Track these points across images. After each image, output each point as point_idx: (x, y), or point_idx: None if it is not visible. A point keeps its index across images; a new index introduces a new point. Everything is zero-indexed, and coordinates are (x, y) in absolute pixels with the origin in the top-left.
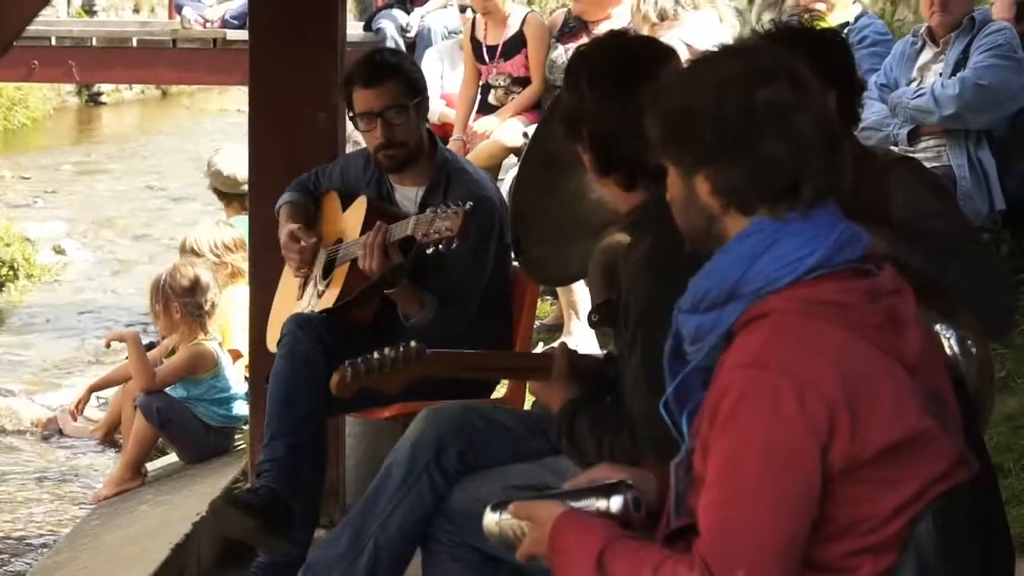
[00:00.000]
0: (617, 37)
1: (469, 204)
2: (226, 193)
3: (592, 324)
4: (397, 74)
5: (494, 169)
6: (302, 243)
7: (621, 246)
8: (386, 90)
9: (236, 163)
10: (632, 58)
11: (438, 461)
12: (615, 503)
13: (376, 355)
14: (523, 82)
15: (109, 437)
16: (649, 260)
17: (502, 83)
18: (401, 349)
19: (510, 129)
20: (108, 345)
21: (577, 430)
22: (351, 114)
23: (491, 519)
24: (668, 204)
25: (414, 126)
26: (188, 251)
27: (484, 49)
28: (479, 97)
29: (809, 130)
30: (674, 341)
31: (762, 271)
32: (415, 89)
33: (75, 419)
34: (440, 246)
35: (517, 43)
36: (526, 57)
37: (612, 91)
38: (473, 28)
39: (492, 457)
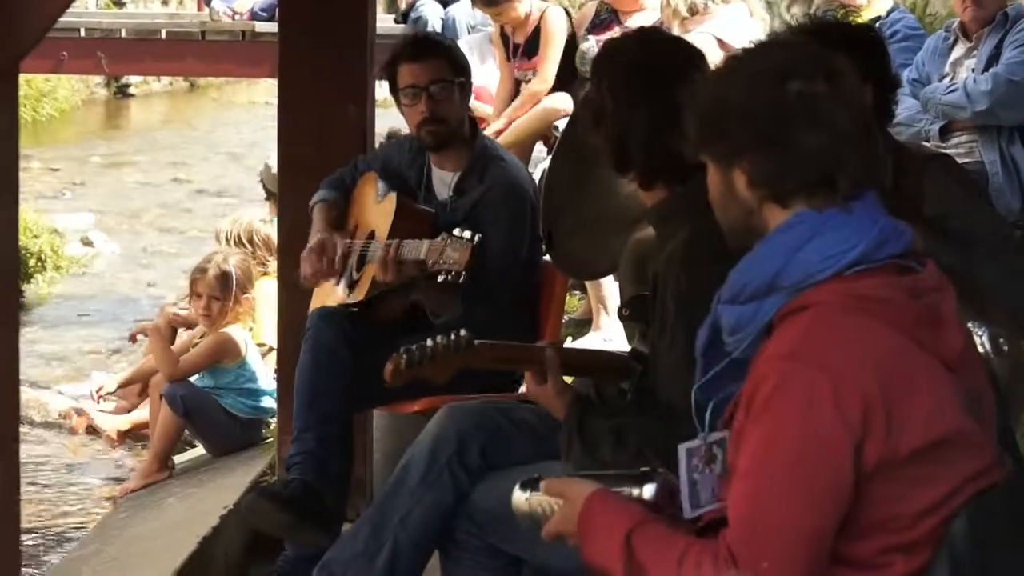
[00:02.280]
0: (644, 36)
1: (477, 237)
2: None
3: (623, 318)
4: (443, 51)
5: (542, 135)
6: (323, 261)
7: (653, 240)
8: (432, 65)
9: None
10: (655, 60)
11: (459, 458)
12: (648, 490)
13: (428, 343)
14: None
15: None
16: (684, 253)
17: (529, 78)
18: (452, 338)
19: (560, 97)
20: (133, 340)
21: (590, 430)
22: (394, 92)
23: (520, 496)
24: (695, 199)
25: (457, 105)
26: (227, 238)
27: (511, 46)
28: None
29: (844, 121)
30: (711, 331)
31: (803, 264)
32: (460, 68)
33: (96, 400)
34: (448, 276)
35: (537, 41)
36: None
37: (632, 91)
38: (502, 25)
39: (514, 454)
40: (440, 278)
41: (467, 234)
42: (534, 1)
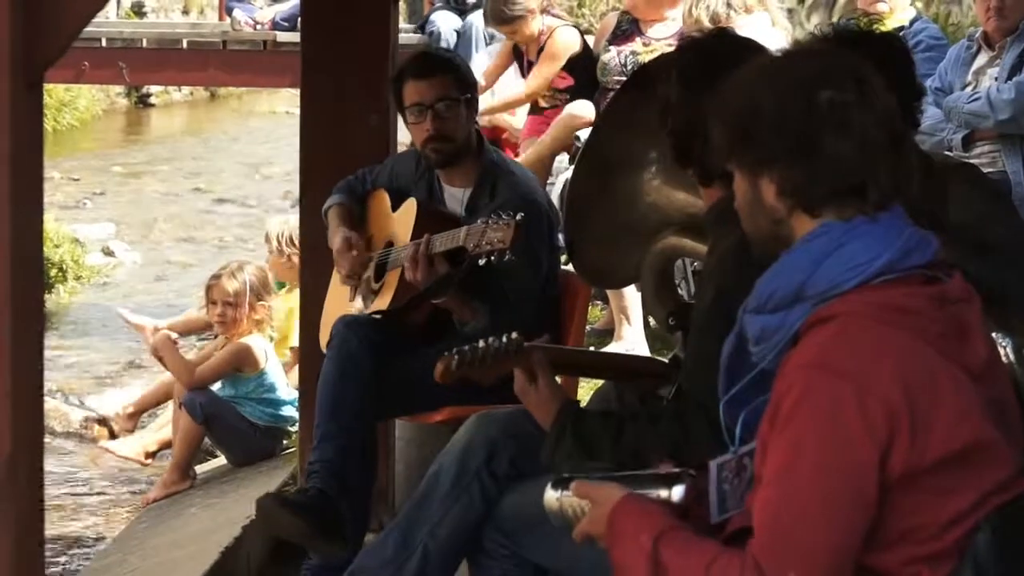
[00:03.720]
0: (716, 32)
1: (520, 215)
2: None
3: (669, 328)
4: (449, 68)
5: (564, 145)
6: (355, 252)
7: (675, 249)
8: (438, 82)
9: None
10: (722, 58)
11: (489, 466)
12: (677, 492)
13: (480, 344)
14: (567, 91)
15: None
16: (737, 252)
17: (545, 93)
18: (504, 340)
19: (581, 105)
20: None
21: (588, 427)
22: (401, 107)
23: (552, 496)
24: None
25: (463, 122)
26: (277, 239)
27: (524, 62)
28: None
29: (874, 130)
30: (736, 340)
31: (828, 273)
32: (466, 84)
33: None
34: (492, 257)
35: (537, 108)
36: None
37: (696, 87)
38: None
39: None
40: (482, 261)
41: (508, 214)
42: (547, 18)
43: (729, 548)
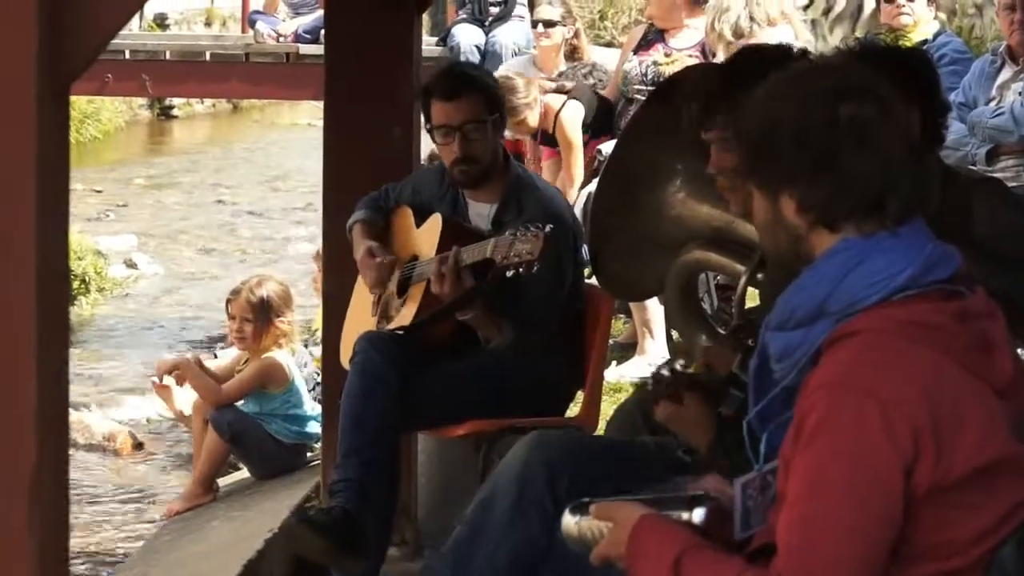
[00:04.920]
0: (786, 49)
1: (549, 227)
2: None
3: (729, 343)
4: (476, 88)
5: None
6: (379, 260)
7: (700, 263)
8: (465, 104)
9: None
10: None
11: (550, 490)
12: (698, 514)
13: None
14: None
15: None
16: None
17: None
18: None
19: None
20: (161, 379)
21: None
22: (428, 126)
23: (570, 521)
24: None
25: (490, 142)
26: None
27: (539, 134)
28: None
29: (894, 147)
30: (760, 359)
31: (850, 289)
32: (493, 104)
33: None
34: (520, 270)
35: (554, 134)
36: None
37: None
38: None
39: (603, 486)
40: (509, 274)
41: (536, 226)
42: (549, 96)
43: (752, 566)
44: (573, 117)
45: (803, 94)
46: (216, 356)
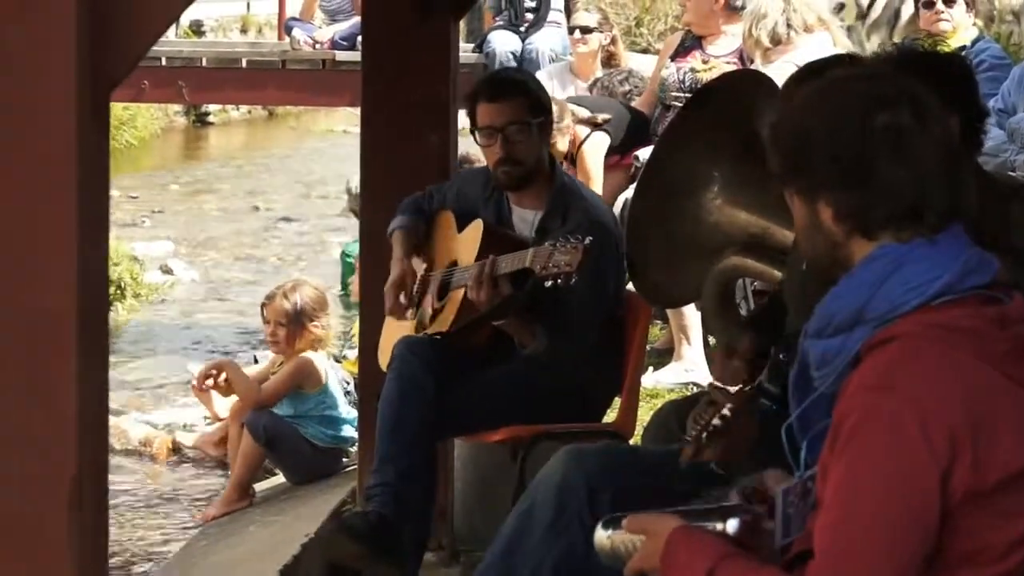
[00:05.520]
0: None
1: (589, 239)
2: None
3: (777, 361)
4: (522, 91)
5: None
6: (402, 297)
7: (737, 269)
8: (509, 106)
9: None
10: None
11: (590, 505)
12: (732, 525)
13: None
14: None
15: (223, 456)
16: None
17: None
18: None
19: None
20: (202, 384)
21: None
22: (474, 128)
23: (602, 535)
24: None
25: (535, 145)
26: None
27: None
28: None
29: (930, 154)
30: (799, 367)
31: (888, 296)
32: (539, 108)
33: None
34: (558, 280)
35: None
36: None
37: None
38: None
39: (644, 499)
40: (548, 284)
41: (576, 237)
42: (578, 125)
43: (789, 574)
44: (595, 150)
45: (837, 102)
46: (256, 361)
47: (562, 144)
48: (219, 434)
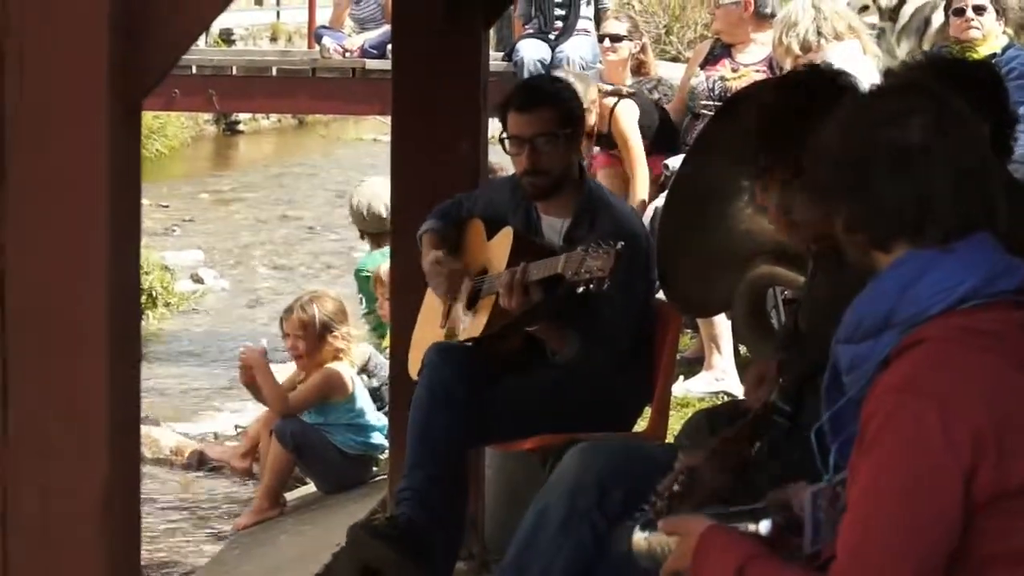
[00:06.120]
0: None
1: (620, 244)
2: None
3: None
4: (552, 102)
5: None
6: (444, 268)
7: (768, 278)
8: (538, 117)
9: (380, 198)
10: None
11: (600, 505)
12: (764, 526)
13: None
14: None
15: (247, 469)
16: None
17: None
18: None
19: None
20: (248, 370)
21: None
22: (504, 136)
23: (640, 536)
24: None
25: (562, 155)
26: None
27: (595, 132)
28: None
29: (939, 173)
30: (831, 372)
31: (914, 300)
32: (569, 119)
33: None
34: (590, 286)
35: (611, 134)
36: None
37: None
38: None
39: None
40: (579, 290)
41: (607, 242)
42: (605, 98)
43: (816, 573)
44: (627, 113)
45: (847, 119)
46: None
47: (592, 119)
48: (245, 446)
